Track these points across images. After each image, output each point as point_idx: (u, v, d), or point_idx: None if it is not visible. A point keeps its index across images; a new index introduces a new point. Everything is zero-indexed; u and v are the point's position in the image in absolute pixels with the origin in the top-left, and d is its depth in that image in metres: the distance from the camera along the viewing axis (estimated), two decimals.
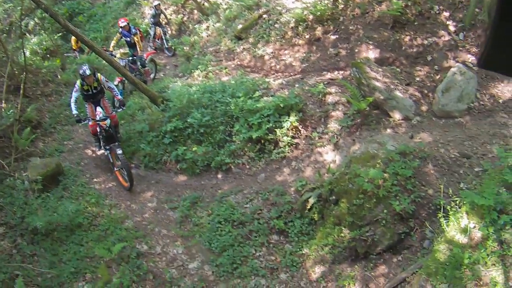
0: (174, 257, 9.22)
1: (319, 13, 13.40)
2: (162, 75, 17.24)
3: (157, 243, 9.48)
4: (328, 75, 12.23)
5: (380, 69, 10.86)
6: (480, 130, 9.42)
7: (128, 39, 15.58)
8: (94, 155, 12.71)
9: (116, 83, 14.42)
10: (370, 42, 12.10)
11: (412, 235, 7.58)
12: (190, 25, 19.78)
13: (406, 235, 7.64)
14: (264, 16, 15.67)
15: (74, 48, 20.27)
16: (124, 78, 13.81)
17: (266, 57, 14.51)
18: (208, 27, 18.31)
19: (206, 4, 19.53)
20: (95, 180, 11.67)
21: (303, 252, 8.78)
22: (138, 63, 15.48)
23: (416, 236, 7.58)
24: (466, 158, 8.30)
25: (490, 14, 1.44)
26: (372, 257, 7.87)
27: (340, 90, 11.18)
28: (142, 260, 9.01)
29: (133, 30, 15.40)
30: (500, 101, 10.42)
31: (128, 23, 15.58)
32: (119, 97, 11.80)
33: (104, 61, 13.78)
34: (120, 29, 15.53)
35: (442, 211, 6.94)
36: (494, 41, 1.44)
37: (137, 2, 23.08)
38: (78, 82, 11.26)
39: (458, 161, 8.24)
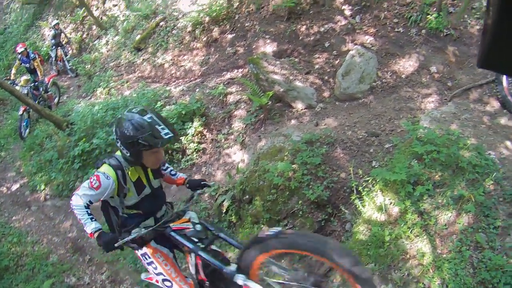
0: (103, 284, 8.96)
1: (214, 14, 13.22)
2: (66, 98, 16.67)
3: (84, 273, 9.24)
4: (228, 75, 12.06)
5: (278, 62, 10.71)
6: (386, 107, 9.45)
7: (28, 65, 15.21)
8: (8, 192, 12.35)
9: (20, 112, 14.01)
10: (267, 36, 11.98)
11: (333, 221, 7.48)
12: (90, 42, 19.36)
13: (327, 222, 7.53)
14: (161, 23, 15.43)
15: None
16: (28, 107, 13.30)
17: (166, 65, 14.26)
18: (107, 41, 17.94)
19: (104, 18, 19.14)
20: (14, 218, 11.32)
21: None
22: (41, 89, 14.99)
23: (336, 221, 7.48)
24: (374, 136, 8.31)
25: (490, 13, 1.39)
26: None
27: (240, 89, 11.05)
28: None
29: (32, 55, 14.99)
30: (403, 76, 10.40)
31: (26, 49, 15.18)
32: (183, 176, 5.82)
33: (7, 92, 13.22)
34: (19, 56, 15.13)
35: (355, 192, 6.92)
36: (493, 40, 1.40)
37: (37, 24, 22.48)
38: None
39: (367, 141, 8.24)
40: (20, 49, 15.12)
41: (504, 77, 8.94)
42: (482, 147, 6.90)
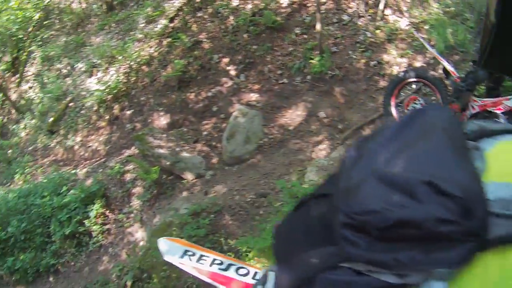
0: None
1: (115, 91, 13.52)
2: None
3: None
4: (126, 153, 12.26)
5: (164, 135, 10.99)
6: (275, 164, 9.54)
7: None
8: None
9: None
10: (160, 109, 12.24)
11: None
12: (9, 126, 19.34)
13: None
14: (71, 104, 15.66)
15: None
16: None
17: (76, 147, 14.44)
18: (25, 125, 17.96)
19: (21, 101, 19.18)
20: None
21: None
22: None
23: None
24: (263, 197, 8.42)
25: (491, 16, 1.40)
26: None
27: (137, 166, 11.14)
28: None
29: None
30: (291, 128, 10.51)
31: None
32: None
33: None
34: None
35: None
36: (494, 42, 1.46)
37: None
38: None
39: (256, 203, 8.35)
40: None
41: (393, 108, 9.02)
42: None
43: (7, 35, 19.12)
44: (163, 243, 3.87)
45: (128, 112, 13.26)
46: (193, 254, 3.49)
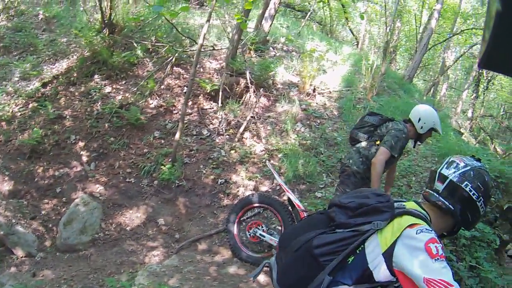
0: None
1: None
2: None
3: None
4: None
5: (4, 202, 11.10)
6: (107, 261, 9.87)
7: None
8: None
9: None
10: (7, 173, 12.15)
11: None
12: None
13: None
14: None
15: None
16: None
17: None
18: None
19: None
20: None
21: None
22: None
23: None
24: None
25: (491, 13, 1.53)
26: None
27: None
28: None
29: None
30: (128, 228, 10.93)
31: None
32: None
33: None
34: None
35: None
36: (494, 40, 1.56)
37: None
38: None
39: None
40: None
41: (235, 226, 9.70)
42: None
43: None
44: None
45: None
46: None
